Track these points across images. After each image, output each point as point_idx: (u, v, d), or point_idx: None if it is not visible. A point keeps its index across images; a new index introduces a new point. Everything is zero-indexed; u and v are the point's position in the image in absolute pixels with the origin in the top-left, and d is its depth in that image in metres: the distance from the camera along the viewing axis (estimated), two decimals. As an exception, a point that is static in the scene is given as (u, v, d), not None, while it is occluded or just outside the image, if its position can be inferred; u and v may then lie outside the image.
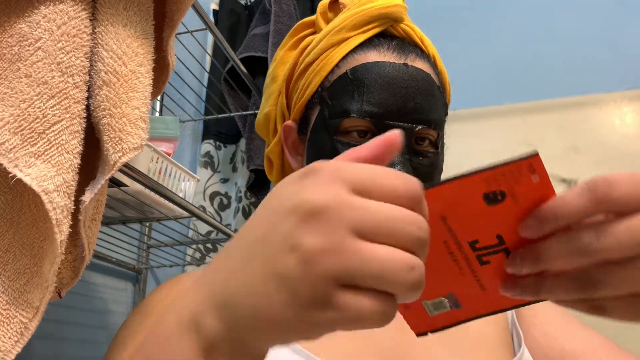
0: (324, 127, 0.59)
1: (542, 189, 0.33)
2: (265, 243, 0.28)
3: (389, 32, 0.63)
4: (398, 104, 0.57)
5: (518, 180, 0.32)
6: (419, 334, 0.37)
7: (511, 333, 0.61)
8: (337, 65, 0.61)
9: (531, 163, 0.31)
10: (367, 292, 0.26)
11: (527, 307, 0.62)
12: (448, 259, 0.35)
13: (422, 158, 0.58)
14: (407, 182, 0.28)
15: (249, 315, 0.28)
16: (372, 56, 0.60)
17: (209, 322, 0.30)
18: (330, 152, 0.58)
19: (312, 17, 0.67)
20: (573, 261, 0.31)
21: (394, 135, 0.30)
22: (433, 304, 0.36)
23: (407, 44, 0.62)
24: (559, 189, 1.48)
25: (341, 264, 0.26)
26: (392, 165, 0.54)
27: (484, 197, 0.33)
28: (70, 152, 0.43)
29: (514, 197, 0.33)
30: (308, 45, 0.64)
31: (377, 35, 0.62)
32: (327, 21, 0.65)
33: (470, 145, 1.50)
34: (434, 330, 0.37)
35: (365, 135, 0.57)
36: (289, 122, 0.66)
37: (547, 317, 0.61)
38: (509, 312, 0.63)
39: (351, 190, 0.28)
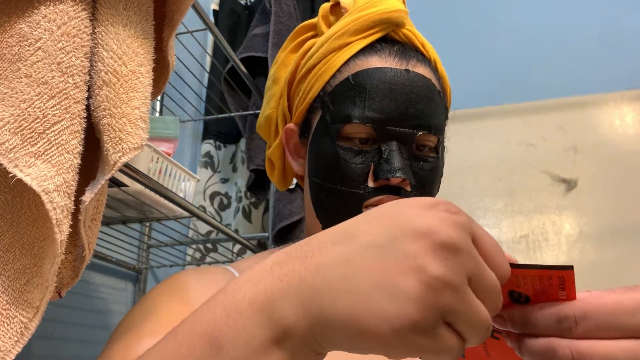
0: (326, 132, 0.59)
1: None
2: (384, 252, 0.29)
3: (390, 37, 0.63)
4: (399, 110, 0.57)
5: (546, 292, 0.33)
6: None
7: None
8: (338, 70, 0.61)
9: (563, 276, 0.33)
10: (456, 332, 0.29)
11: None
12: None
13: (422, 163, 0.58)
14: (507, 267, 0.31)
15: (342, 314, 0.28)
16: (374, 62, 0.60)
17: (288, 310, 0.29)
18: (332, 157, 0.58)
19: (314, 20, 0.67)
20: None
21: None
22: None
23: (409, 49, 0.62)
24: (559, 188, 1.47)
25: (456, 303, 0.28)
26: (392, 171, 0.55)
27: (509, 293, 0.34)
28: (71, 152, 0.43)
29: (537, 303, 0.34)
30: (310, 48, 0.65)
31: (378, 40, 0.62)
32: (329, 24, 0.65)
33: (470, 145, 1.50)
34: None
35: (367, 142, 0.58)
36: (290, 125, 0.66)
37: None
38: None
39: (474, 244, 0.30)
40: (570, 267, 0.32)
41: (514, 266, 0.33)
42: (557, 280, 0.32)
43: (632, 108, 1.45)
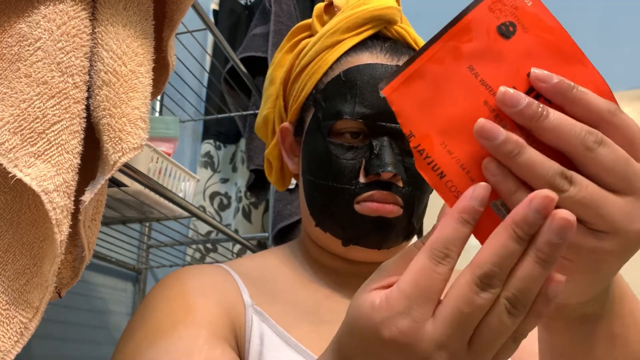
0: (318, 128, 0.60)
1: (545, 18, 0.34)
2: None
3: (382, 34, 0.63)
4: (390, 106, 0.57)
5: (514, 5, 0.33)
6: None
7: None
8: (330, 68, 0.61)
9: None
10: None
11: None
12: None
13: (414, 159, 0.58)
14: None
15: None
16: (365, 58, 0.60)
17: None
18: (324, 154, 0.58)
19: (309, 20, 0.68)
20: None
21: None
22: (502, 203, 0.33)
23: (400, 46, 0.62)
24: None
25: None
26: (383, 166, 0.55)
27: (498, 30, 0.33)
28: (70, 152, 0.43)
29: (524, 28, 0.33)
30: (304, 48, 0.65)
31: (370, 37, 0.63)
32: (323, 24, 0.66)
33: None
34: None
35: (358, 136, 0.58)
36: (285, 124, 0.66)
37: None
38: None
39: None
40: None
41: (474, 4, 0.33)
42: None
43: (633, 108, 1.45)
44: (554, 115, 0.31)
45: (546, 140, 0.32)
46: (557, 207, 0.30)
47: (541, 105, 0.31)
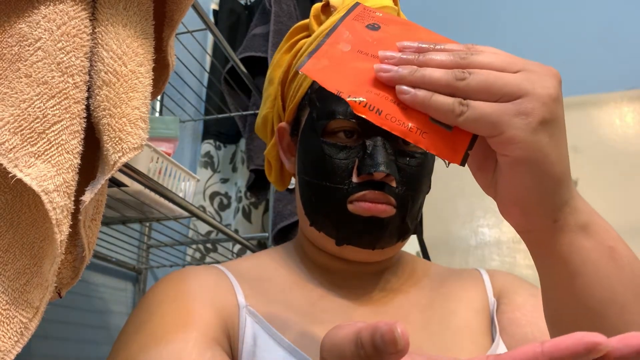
0: (312, 128, 0.60)
1: (394, 18, 0.46)
2: None
3: None
4: None
5: (372, 16, 0.46)
6: (462, 162, 0.39)
7: (491, 321, 0.62)
8: None
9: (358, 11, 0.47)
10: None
11: (503, 295, 0.63)
12: None
13: (409, 159, 0.58)
14: None
15: None
16: None
17: None
18: (318, 154, 0.58)
19: (307, 21, 0.68)
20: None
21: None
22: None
23: None
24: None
25: None
26: (375, 166, 0.54)
27: (367, 27, 0.45)
28: (70, 152, 0.43)
29: (384, 25, 0.45)
30: (301, 48, 0.65)
31: None
32: (320, 24, 0.66)
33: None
34: (468, 148, 0.39)
35: (352, 136, 0.58)
36: (282, 124, 0.67)
37: (517, 304, 0.61)
38: (492, 300, 0.63)
39: None
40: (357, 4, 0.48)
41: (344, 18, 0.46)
42: (364, 11, 0.48)
43: (632, 108, 1.45)
44: (429, 54, 0.40)
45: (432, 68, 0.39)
46: (462, 97, 0.38)
47: (414, 53, 0.41)
